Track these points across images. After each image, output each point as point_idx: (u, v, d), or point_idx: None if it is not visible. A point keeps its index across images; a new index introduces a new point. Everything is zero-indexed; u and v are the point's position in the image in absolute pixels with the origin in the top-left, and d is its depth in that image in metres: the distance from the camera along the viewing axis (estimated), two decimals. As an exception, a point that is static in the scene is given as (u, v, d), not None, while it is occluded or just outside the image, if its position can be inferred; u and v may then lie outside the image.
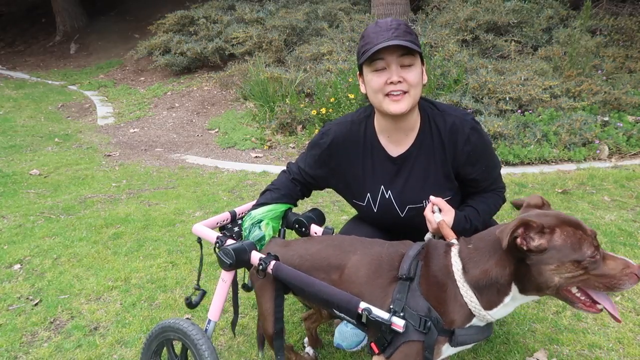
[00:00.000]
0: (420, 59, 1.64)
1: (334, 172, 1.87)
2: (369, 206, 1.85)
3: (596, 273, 1.21)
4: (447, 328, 1.33)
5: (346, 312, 1.42)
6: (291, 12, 8.04)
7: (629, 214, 3.26)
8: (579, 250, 1.20)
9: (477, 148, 1.72)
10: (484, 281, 1.32)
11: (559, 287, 1.24)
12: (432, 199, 1.67)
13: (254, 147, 5.49)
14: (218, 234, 1.76)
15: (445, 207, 1.66)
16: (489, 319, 1.35)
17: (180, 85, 8.25)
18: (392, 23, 1.60)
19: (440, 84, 5.47)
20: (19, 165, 5.05)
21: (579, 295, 1.27)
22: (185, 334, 1.64)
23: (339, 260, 1.54)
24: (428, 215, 1.66)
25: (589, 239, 1.22)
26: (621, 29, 6.40)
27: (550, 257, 1.22)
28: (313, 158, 1.89)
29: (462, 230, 1.65)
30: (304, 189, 1.97)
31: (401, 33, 1.58)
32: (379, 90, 1.63)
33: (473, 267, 1.34)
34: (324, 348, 2.08)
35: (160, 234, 3.31)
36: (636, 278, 1.19)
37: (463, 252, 1.39)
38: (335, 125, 1.85)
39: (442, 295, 1.35)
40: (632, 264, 1.21)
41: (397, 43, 1.54)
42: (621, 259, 1.22)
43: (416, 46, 1.58)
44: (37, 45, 13.60)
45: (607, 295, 1.27)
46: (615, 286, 1.21)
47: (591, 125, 4.62)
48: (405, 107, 1.62)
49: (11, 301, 2.58)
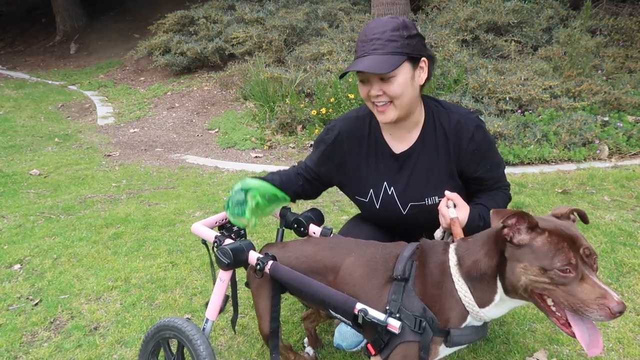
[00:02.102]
0: (410, 60, 1.58)
1: (338, 168, 1.87)
2: (372, 202, 1.85)
3: (565, 290, 1.16)
4: (442, 328, 1.33)
5: (342, 313, 1.42)
6: (291, 12, 8.04)
7: (629, 214, 3.26)
8: (550, 259, 1.17)
9: (482, 146, 1.71)
10: (474, 272, 1.32)
11: (525, 288, 1.22)
12: (448, 193, 1.64)
13: (254, 147, 5.49)
14: (216, 234, 1.76)
15: (460, 202, 1.64)
16: (482, 318, 1.35)
17: (180, 85, 8.25)
18: (376, 30, 1.56)
19: (440, 84, 5.47)
20: (19, 165, 5.05)
21: (555, 309, 1.23)
22: (180, 331, 1.64)
23: (334, 262, 1.54)
24: (443, 210, 1.63)
25: (568, 253, 1.17)
26: (621, 29, 6.40)
27: (523, 254, 1.22)
28: (318, 155, 1.89)
29: (475, 228, 1.63)
30: (306, 185, 1.94)
31: (381, 44, 1.54)
32: (366, 98, 1.67)
33: (467, 258, 1.35)
34: (324, 348, 2.08)
35: (160, 234, 3.31)
36: (608, 312, 1.11)
37: (460, 246, 1.40)
38: (340, 121, 1.86)
39: (438, 293, 1.36)
40: (610, 297, 1.12)
41: (362, 69, 1.53)
42: (602, 288, 1.14)
43: (398, 55, 1.54)
44: (37, 45, 13.60)
45: (591, 322, 1.20)
46: (580, 310, 1.15)
47: (591, 125, 4.62)
48: (391, 117, 1.63)
49: (11, 301, 2.58)
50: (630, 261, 2.61)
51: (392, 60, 1.54)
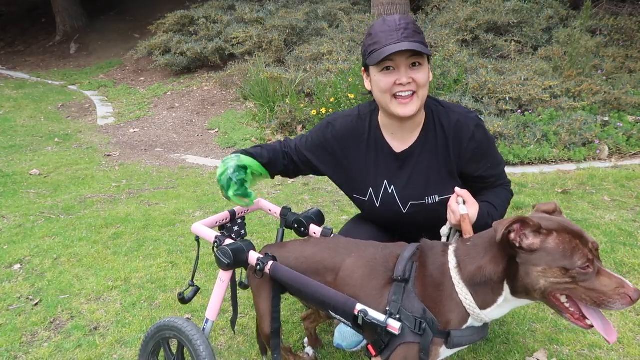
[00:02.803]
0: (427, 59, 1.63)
1: (336, 164, 1.85)
2: (371, 201, 1.84)
3: (585, 286, 1.18)
4: (442, 329, 1.33)
5: (342, 314, 1.41)
6: (291, 12, 8.05)
7: (629, 214, 3.26)
8: (570, 258, 1.18)
9: (482, 145, 1.72)
10: (479, 278, 1.31)
11: (544, 291, 1.22)
12: (458, 190, 1.63)
13: (254, 147, 5.48)
14: (217, 234, 1.76)
15: (470, 199, 1.62)
16: (484, 319, 1.34)
17: (180, 85, 8.26)
18: (400, 22, 1.58)
19: (440, 84, 5.47)
20: (19, 165, 5.05)
21: (568, 305, 1.25)
22: (179, 331, 1.64)
23: (334, 263, 1.54)
24: (453, 206, 1.61)
25: (584, 250, 1.19)
26: (621, 29, 6.40)
27: (539, 258, 1.21)
28: (314, 143, 1.85)
29: (484, 225, 1.61)
30: (290, 165, 1.90)
31: (410, 33, 1.56)
32: (387, 90, 1.62)
33: (469, 263, 1.34)
34: (324, 348, 2.08)
35: (160, 234, 3.31)
36: (629, 300, 1.16)
37: (460, 249, 1.39)
38: (341, 118, 1.84)
39: (438, 295, 1.35)
40: (627, 285, 1.17)
41: (408, 48, 1.53)
42: (617, 278, 1.19)
43: (426, 47, 1.57)
44: (37, 45, 13.59)
45: (601, 313, 1.24)
46: (603, 303, 1.18)
47: (591, 125, 4.62)
48: (414, 109, 1.62)
49: (11, 301, 2.58)
50: (630, 261, 2.61)
51: (425, 48, 1.57)
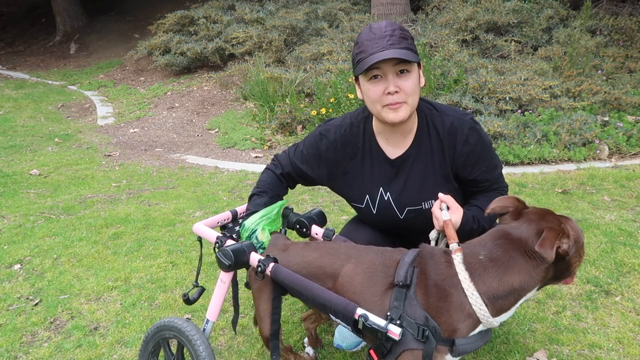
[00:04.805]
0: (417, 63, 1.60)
1: (332, 174, 1.86)
2: (368, 208, 1.84)
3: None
4: (446, 337, 1.32)
5: (343, 317, 1.41)
6: (291, 12, 8.04)
7: (629, 214, 3.26)
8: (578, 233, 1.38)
9: (476, 148, 1.70)
10: (505, 291, 1.32)
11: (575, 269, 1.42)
12: (441, 196, 1.63)
13: (254, 147, 5.49)
14: (218, 234, 1.76)
15: (454, 205, 1.62)
16: (493, 324, 1.34)
17: (180, 85, 8.25)
18: (387, 29, 1.55)
19: (440, 84, 5.47)
20: (19, 165, 5.05)
21: None
22: (179, 331, 1.64)
23: (333, 268, 1.53)
24: (436, 212, 1.62)
25: None
26: (621, 29, 6.40)
27: (574, 250, 1.35)
28: (309, 154, 1.86)
29: (469, 230, 1.63)
30: (290, 184, 1.95)
31: (396, 40, 1.53)
32: (376, 101, 1.61)
33: (490, 278, 1.33)
34: (324, 348, 2.08)
35: (160, 234, 3.31)
36: None
37: (471, 262, 1.37)
38: (334, 128, 1.82)
39: (445, 305, 1.33)
40: None
41: (392, 56, 1.50)
42: None
43: (413, 53, 1.55)
44: (37, 45, 13.59)
45: None
46: None
47: (591, 125, 4.62)
48: (404, 115, 1.60)
49: (11, 301, 2.58)
50: (630, 261, 2.61)
51: (412, 54, 1.55)
